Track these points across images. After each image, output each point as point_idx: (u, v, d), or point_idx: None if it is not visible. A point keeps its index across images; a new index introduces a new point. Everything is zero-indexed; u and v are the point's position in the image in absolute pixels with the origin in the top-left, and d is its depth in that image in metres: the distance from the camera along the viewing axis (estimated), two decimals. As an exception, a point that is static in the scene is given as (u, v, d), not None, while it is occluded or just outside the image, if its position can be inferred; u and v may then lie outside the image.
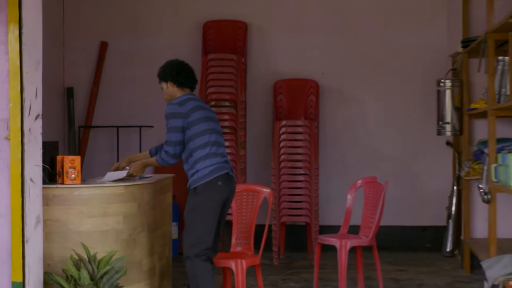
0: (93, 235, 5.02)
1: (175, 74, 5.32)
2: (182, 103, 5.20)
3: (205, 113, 5.23)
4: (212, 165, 5.14)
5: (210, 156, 5.16)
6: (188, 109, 5.16)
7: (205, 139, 5.17)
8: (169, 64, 5.41)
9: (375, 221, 6.31)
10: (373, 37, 8.44)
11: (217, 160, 5.18)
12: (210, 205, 5.12)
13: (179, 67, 5.35)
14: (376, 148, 8.46)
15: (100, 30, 8.59)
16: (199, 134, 5.16)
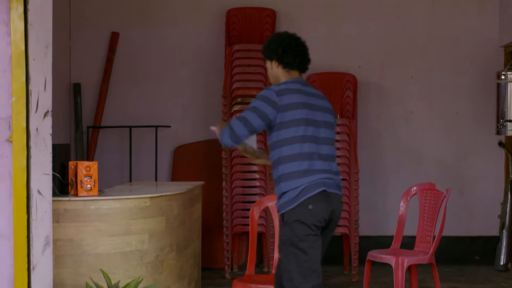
0: (113, 257, 4.25)
1: (281, 52, 4.24)
2: (280, 93, 4.06)
3: (307, 114, 4.06)
4: (301, 186, 3.98)
5: (299, 175, 3.99)
6: (284, 104, 4.03)
7: (296, 149, 4.00)
8: (276, 37, 4.35)
9: (434, 235, 5.54)
10: (415, 25, 7.70)
11: (310, 178, 3.98)
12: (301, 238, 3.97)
13: (287, 42, 4.28)
14: (419, 150, 7.72)
15: (110, 20, 7.87)
16: (287, 140, 4.01)
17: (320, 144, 4.07)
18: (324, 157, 4.08)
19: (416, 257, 5.43)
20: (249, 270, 4.84)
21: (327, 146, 4.11)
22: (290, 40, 4.29)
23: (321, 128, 4.10)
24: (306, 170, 3.97)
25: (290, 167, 3.98)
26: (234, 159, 7.11)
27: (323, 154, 4.07)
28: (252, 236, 4.87)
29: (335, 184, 4.08)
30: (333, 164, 4.13)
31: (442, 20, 7.64)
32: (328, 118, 4.18)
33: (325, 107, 4.20)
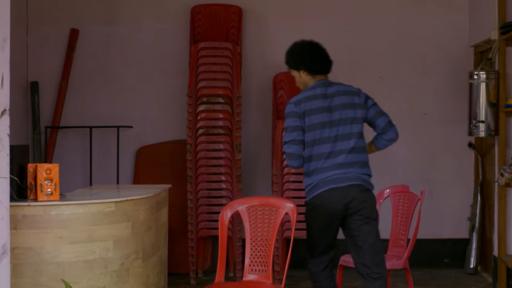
0: (75, 266, 4.00)
1: (309, 62, 4.83)
2: (298, 103, 4.66)
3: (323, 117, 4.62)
4: (312, 183, 4.62)
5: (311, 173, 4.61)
6: (302, 111, 4.63)
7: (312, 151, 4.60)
8: (300, 48, 4.95)
9: (408, 239, 5.41)
10: (384, 24, 7.54)
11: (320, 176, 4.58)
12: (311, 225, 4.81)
13: (313, 52, 4.87)
14: (387, 151, 7.39)
15: (69, 16, 7.59)
16: (308, 143, 4.61)
17: (337, 141, 4.59)
18: (338, 153, 4.59)
19: (390, 262, 5.26)
20: (218, 277, 4.62)
21: (343, 142, 4.61)
22: (314, 49, 4.89)
23: (338, 127, 4.61)
24: (316, 169, 4.57)
25: (308, 167, 4.61)
26: (199, 161, 6.89)
27: (337, 150, 4.58)
28: (222, 241, 4.66)
29: (349, 177, 4.59)
30: (350, 156, 4.64)
31: (412, 19, 7.50)
32: (347, 114, 4.67)
33: (344, 104, 4.71)
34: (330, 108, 4.64)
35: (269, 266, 4.66)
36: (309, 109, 4.61)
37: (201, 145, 6.91)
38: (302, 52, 4.87)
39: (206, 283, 6.53)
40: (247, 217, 4.73)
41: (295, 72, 4.85)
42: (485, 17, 6.79)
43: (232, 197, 6.81)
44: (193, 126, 6.86)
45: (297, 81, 4.86)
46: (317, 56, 4.83)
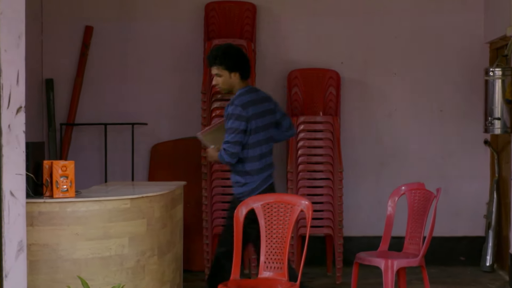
0: (91, 263, 3.99)
1: (245, 67, 5.12)
2: (245, 106, 5.00)
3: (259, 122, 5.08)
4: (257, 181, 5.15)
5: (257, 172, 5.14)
6: (249, 115, 5.01)
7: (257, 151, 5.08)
8: (237, 52, 5.16)
9: (423, 236, 5.38)
10: (399, 21, 7.50)
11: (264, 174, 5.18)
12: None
13: (246, 58, 5.15)
14: (403, 148, 7.56)
15: (84, 13, 7.58)
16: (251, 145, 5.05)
17: (264, 144, 5.09)
18: (266, 155, 5.14)
19: (406, 260, 5.25)
20: (234, 274, 4.61)
21: (267, 145, 5.14)
22: (246, 55, 5.16)
23: (268, 130, 5.09)
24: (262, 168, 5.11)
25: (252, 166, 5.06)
26: (214, 158, 6.87)
27: (264, 152, 5.12)
28: (237, 238, 4.64)
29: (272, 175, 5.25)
30: (270, 158, 5.22)
31: (427, 16, 7.45)
32: (270, 119, 5.13)
33: (268, 109, 5.13)
34: (263, 113, 5.06)
35: (284, 263, 4.64)
36: (255, 112, 4.99)
37: (216, 142, 6.90)
38: (239, 55, 5.08)
39: (221, 280, 6.52)
40: (262, 214, 4.71)
41: (226, 73, 5.04)
42: (501, 14, 6.74)
43: (247, 194, 6.78)
44: (207, 123, 6.85)
45: (222, 81, 5.07)
46: (247, 61, 5.11)
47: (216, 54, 5.08)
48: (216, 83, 5.16)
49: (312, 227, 6.84)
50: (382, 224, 5.62)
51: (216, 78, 5.13)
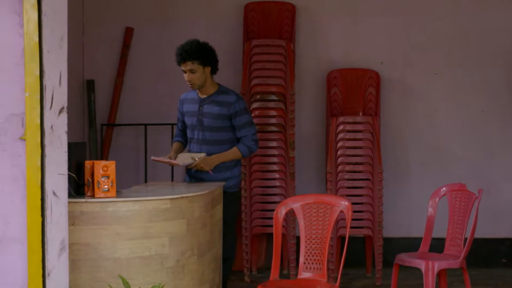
0: (132, 262, 3.99)
1: (216, 62, 5.40)
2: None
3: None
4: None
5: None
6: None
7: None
8: (209, 47, 5.38)
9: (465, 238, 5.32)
10: (439, 20, 7.40)
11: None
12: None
13: (215, 52, 5.38)
14: (444, 149, 7.46)
15: (124, 15, 7.62)
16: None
17: None
18: None
19: (446, 261, 5.19)
20: (273, 274, 4.61)
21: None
22: (212, 47, 5.39)
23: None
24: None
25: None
26: (253, 158, 6.87)
27: None
28: (277, 239, 4.64)
29: None
30: None
31: (469, 15, 7.34)
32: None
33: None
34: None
35: (323, 264, 4.62)
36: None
37: (255, 142, 6.89)
38: (211, 50, 5.32)
39: (260, 280, 6.52)
40: (302, 215, 4.70)
41: (200, 68, 5.24)
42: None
43: (286, 194, 6.77)
44: (246, 123, 6.84)
45: (197, 77, 5.25)
46: (217, 57, 5.42)
47: (190, 49, 5.22)
48: (190, 79, 5.27)
49: (352, 228, 6.78)
50: (422, 225, 5.57)
51: (190, 74, 5.25)
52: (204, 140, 5.37)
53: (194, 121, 5.43)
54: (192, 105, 5.45)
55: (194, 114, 5.43)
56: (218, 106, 5.35)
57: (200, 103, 5.42)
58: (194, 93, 5.46)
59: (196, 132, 5.43)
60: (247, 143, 5.34)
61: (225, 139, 5.37)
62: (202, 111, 5.39)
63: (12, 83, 3.49)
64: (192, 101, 5.47)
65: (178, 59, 5.30)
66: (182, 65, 5.27)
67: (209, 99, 5.39)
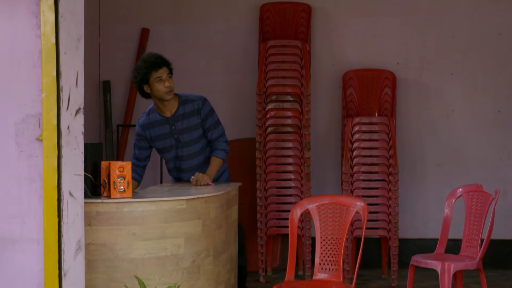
0: (148, 263, 3.98)
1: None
2: None
3: None
4: None
5: None
6: None
7: None
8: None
9: (481, 239, 5.28)
10: (456, 20, 7.35)
11: None
12: None
13: None
14: (460, 149, 7.40)
15: (140, 16, 7.64)
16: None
17: None
18: None
19: (463, 263, 5.15)
20: (289, 275, 4.60)
21: None
22: None
23: None
24: None
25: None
26: (269, 159, 6.87)
27: None
28: (292, 240, 4.63)
29: None
30: None
31: (485, 15, 7.28)
32: None
33: None
34: None
35: (339, 265, 4.61)
36: None
37: (270, 143, 6.88)
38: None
39: (276, 281, 6.52)
40: (317, 216, 4.68)
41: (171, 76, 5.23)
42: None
43: (301, 195, 6.76)
44: (262, 124, 6.85)
45: (172, 87, 5.20)
46: None
47: (161, 57, 5.23)
48: (171, 84, 5.19)
49: (367, 229, 6.76)
50: (438, 226, 5.54)
51: (170, 80, 5.17)
52: (189, 155, 5.29)
53: (170, 142, 5.28)
54: (160, 128, 5.27)
55: (168, 135, 5.27)
56: (189, 118, 5.26)
57: (170, 122, 5.26)
58: (155, 115, 5.27)
59: (173, 152, 5.30)
60: (221, 147, 5.31)
61: (199, 149, 5.32)
62: (176, 129, 5.25)
63: (29, 84, 3.52)
64: (158, 123, 5.27)
65: (154, 66, 5.13)
66: (160, 71, 5.12)
67: (178, 116, 5.25)
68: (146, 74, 5.10)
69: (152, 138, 5.30)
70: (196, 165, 5.29)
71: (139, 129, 5.33)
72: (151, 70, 5.10)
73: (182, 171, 5.35)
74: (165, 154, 5.37)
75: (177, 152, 5.30)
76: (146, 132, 5.30)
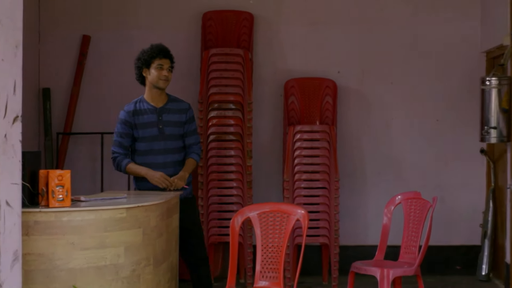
0: (87, 272, 3.94)
1: None
2: None
3: None
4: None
5: None
6: None
7: None
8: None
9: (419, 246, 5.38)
10: (397, 31, 7.47)
11: None
12: None
13: None
14: (400, 157, 7.52)
15: (81, 22, 7.54)
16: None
17: None
18: None
19: (401, 269, 5.24)
20: (229, 283, 4.61)
21: None
22: None
23: None
24: None
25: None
26: (210, 167, 6.87)
27: None
28: (233, 248, 4.64)
29: None
30: None
31: (424, 25, 7.41)
32: None
33: None
34: None
35: (280, 273, 4.63)
36: None
37: (212, 151, 6.89)
38: None
39: (217, 289, 6.51)
40: (258, 224, 4.70)
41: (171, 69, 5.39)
42: (498, 23, 6.74)
43: (243, 203, 6.78)
44: (204, 132, 6.85)
45: (170, 78, 5.38)
46: None
47: (167, 49, 5.36)
48: (169, 75, 5.33)
49: (308, 236, 6.82)
50: (378, 233, 5.61)
51: (169, 72, 5.32)
52: (167, 150, 5.27)
53: (154, 131, 5.28)
54: (148, 116, 5.29)
55: (153, 124, 5.29)
56: (176, 114, 5.34)
57: (158, 112, 5.32)
58: (144, 104, 5.31)
59: (156, 143, 5.27)
60: (197, 151, 5.38)
61: (181, 147, 5.36)
62: (162, 120, 5.30)
63: (-35, 91, 3.44)
64: (146, 111, 5.30)
65: (160, 54, 5.27)
66: (163, 60, 5.26)
67: (166, 108, 5.34)
68: (150, 59, 5.27)
69: (137, 125, 5.27)
70: (170, 162, 5.26)
71: (125, 115, 5.29)
72: (156, 56, 5.26)
73: (154, 167, 5.23)
74: (145, 144, 5.28)
75: (160, 144, 5.28)
76: (132, 118, 5.28)
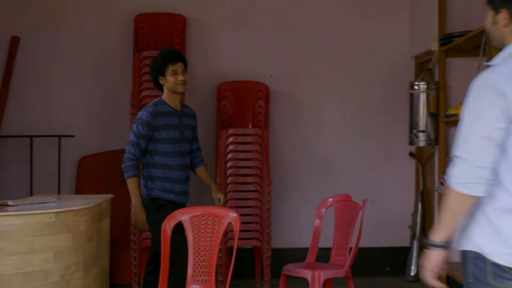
0: (14, 278, 3.87)
1: None
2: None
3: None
4: None
5: None
6: None
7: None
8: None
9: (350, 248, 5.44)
10: (329, 35, 7.55)
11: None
12: None
13: None
14: (331, 160, 7.60)
15: (10, 23, 7.38)
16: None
17: None
18: None
19: (332, 271, 5.29)
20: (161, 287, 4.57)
21: None
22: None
23: None
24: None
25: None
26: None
27: None
28: (165, 252, 4.61)
29: None
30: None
31: (356, 30, 7.50)
32: None
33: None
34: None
35: (212, 276, 4.62)
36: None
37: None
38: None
39: (149, 293, 6.45)
40: (190, 227, 4.68)
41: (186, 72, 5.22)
42: (426, 29, 6.89)
43: (176, 207, 6.73)
44: (136, 135, 6.77)
45: (186, 81, 5.21)
46: None
47: (179, 53, 5.20)
48: (185, 78, 5.18)
49: (240, 239, 6.83)
50: (311, 235, 5.66)
51: (184, 74, 5.18)
52: (184, 152, 5.24)
53: (176, 134, 5.18)
54: (171, 118, 5.17)
55: (177, 126, 5.19)
56: (190, 118, 5.33)
57: (179, 114, 5.23)
58: (165, 106, 5.18)
59: (178, 145, 5.19)
60: (202, 158, 5.49)
61: (189, 150, 5.36)
62: (183, 123, 5.23)
63: None
64: (169, 114, 5.18)
65: (171, 60, 5.12)
66: (176, 64, 5.12)
67: (183, 112, 5.28)
68: (163, 66, 5.13)
69: (159, 127, 5.11)
70: (186, 165, 5.28)
71: (149, 117, 5.09)
72: (168, 63, 5.12)
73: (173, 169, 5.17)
74: (167, 145, 5.16)
75: (182, 147, 5.21)
76: (155, 120, 5.11)
